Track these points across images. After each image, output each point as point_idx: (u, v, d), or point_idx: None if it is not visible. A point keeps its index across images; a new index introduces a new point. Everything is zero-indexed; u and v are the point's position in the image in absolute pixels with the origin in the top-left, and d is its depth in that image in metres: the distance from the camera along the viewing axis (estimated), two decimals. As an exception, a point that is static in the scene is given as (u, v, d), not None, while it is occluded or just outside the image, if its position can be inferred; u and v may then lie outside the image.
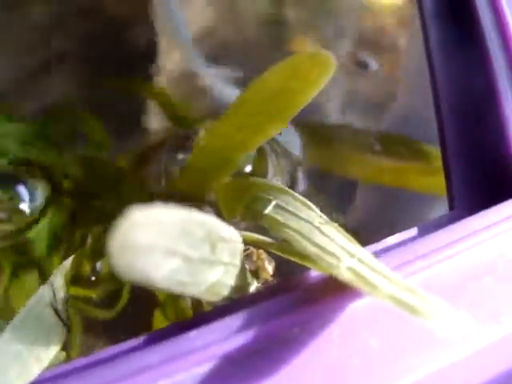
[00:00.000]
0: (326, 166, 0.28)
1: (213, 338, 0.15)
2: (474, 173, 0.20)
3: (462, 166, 0.20)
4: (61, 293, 0.18)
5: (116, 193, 0.27)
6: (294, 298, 0.15)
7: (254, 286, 0.19)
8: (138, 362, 0.15)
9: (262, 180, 0.20)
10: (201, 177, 0.22)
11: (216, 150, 0.21)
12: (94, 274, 0.24)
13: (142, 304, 0.23)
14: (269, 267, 0.20)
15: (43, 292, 0.18)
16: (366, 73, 0.31)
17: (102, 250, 0.23)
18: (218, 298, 0.16)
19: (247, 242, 0.18)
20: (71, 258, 0.20)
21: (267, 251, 0.20)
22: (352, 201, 0.27)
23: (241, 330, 0.15)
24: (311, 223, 0.17)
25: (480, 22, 0.21)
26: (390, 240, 0.17)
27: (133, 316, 0.23)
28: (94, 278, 0.24)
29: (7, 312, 0.24)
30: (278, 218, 0.18)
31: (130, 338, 0.16)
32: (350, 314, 0.15)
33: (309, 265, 0.16)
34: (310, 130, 0.28)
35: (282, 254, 0.18)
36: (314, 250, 0.16)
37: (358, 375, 0.14)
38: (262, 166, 0.26)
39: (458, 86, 0.22)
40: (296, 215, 0.17)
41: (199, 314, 0.19)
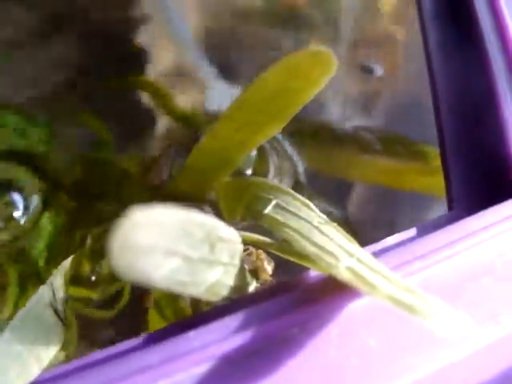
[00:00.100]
0: (324, 166, 0.28)
1: (212, 338, 0.15)
2: (473, 173, 0.20)
3: (461, 166, 0.20)
4: (60, 293, 0.18)
5: (117, 194, 0.27)
6: (292, 298, 0.15)
7: (253, 286, 0.19)
8: (137, 362, 0.15)
9: (261, 180, 0.20)
10: (200, 177, 0.22)
11: (215, 150, 0.21)
12: (94, 275, 0.24)
13: (138, 304, 0.23)
14: (268, 267, 0.20)
15: (43, 292, 0.18)
16: (371, 78, 0.30)
17: (101, 251, 0.23)
18: (217, 298, 0.16)
19: (247, 242, 0.18)
20: (71, 258, 0.20)
21: (266, 251, 0.20)
22: (351, 201, 0.27)
23: (240, 330, 0.15)
24: (310, 223, 0.17)
25: (479, 23, 0.21)
26: (389, 240, 0.17)
27: (129, 316, 0.23)
28: (94, 278, 0.24)
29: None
30: (278, 217, 0.18)
31: (127, 338, 0.16)
32: (348, 314, 0.15)
33: (308, 265, 0.17)
34: (308, 130, 0.28)
35: (281, 254, 0.18)
36: (313, 249, 0.16)
37: (356, 375, 0.15)
38: (263, 166, 0.26)
39: (457, 87, 0.22)
40: (296, 215, 0.17)
41: (198, 314, 0.19)
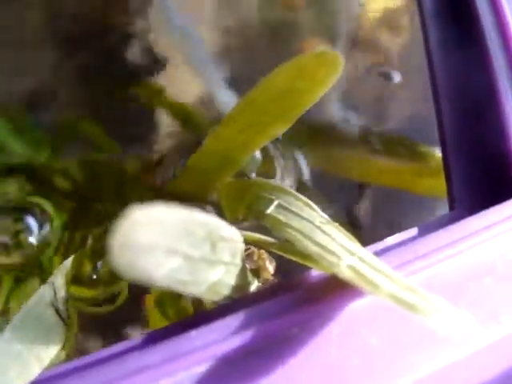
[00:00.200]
0: (327, 167, 0.28)
1: (213, 338, 0.15)
2: (475, 172, 0.20)
3: (463, 165, 0.20)
4: (62, 292, 0.18)
5: (118, 194, 0.27)
6: (294, 298, 0.15)
7: (255, 285, 0.19)
8: (138, 361, 0.15)
9: (263, 180, 0.20)
10: (203, 177, 0.22)
11: (218, 151, 0.21)
12: (94, 274, 0.24)
13: (139, 303, 0.23)
14: (270, 267, 0.20)
15: (44, 291, 0.18)
16: (390, 84, 0.30)
17: (102, 251, 0.23)
18: (218, 297, 0.16)
19: (248, 242, 0.18)
20: (72, 257, 0.20)
21: (268, 251, 0.20)
22: (354, 201, 0.27)
23: (241, 329, 0.15)
24: (312, 223, 0.17)
25: (480, 21, 0.21)
26: (391, 240, 0.17)
27: (130, 315, 0.23)
28: (94, 277, 0.24)
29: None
30: (280, 217, 0.18)
31: (126, 337, 0.16)
32: (350, 313, 0.15)
33: (310, 264, 0.17)
34: (310, 130, 0.28)
35: (283, 254, 0.18)
36: (315, 249, 0.16)
37: (358, 374, 0.14)
38: (269, 169, 0.26)
39: (457, 85, 0.22)
40: (298, 215, 0.17)
41: (199, 314, 0.19)
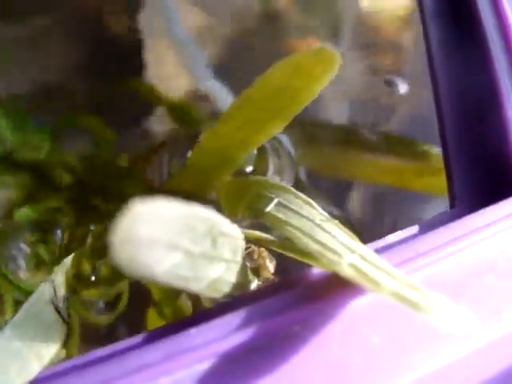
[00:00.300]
0: (326, 166, 0.28)
1: (213, 336, 0.15)
2: (475, 171, 0.19)
3: (463, 164, 0.20)
4: (61, 290, 0.18)
5: (117, 192, 0.26)
6: (295, 295, 0.15)
7: (255, 284, 0.19)
8: (138, 359, 0.15)
9: (263, 178, 0.20)
10: (202, 175, 0.22)
11: (217, 149, 0.21)
12: (95, 273, 0.24)
13: (138, 302, 0.23)
14: (270, 265, 0.20)
15: (44, 289, 0.18)
16: (396, 93, 0.30)
17: (102, 249, 0.23)
18: (218, 294, 0.16)
19: (248, 240, 0.18)
20: (72, 255, 0.20)
21: (268, 249, 0.20)
22: (353, 198, 0.27)
23: (242, 327, 0.15)
24: (312, 221, 0.17)
25: (481, 22, 0.21)
26: (391, 237, 0.17)
27: (128, 314, 0.23)
28: (94, 276, 0.24)
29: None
30: (280, 215, 0.18)
31: (126, 336, 0.16)
32: (351, 311, 0.15)
33: (310, 262, 0.16)
34: (310, 129, 0.28)
35: (283, 252, 0.18)
36: (316, 247, 0.16)
37: (359, 372, 0.14)
38: (263, 165, 0.26)
39: (459, 85, 0.22)
40: (297, 213, 0.17)
41: (199, 312, 0.19)
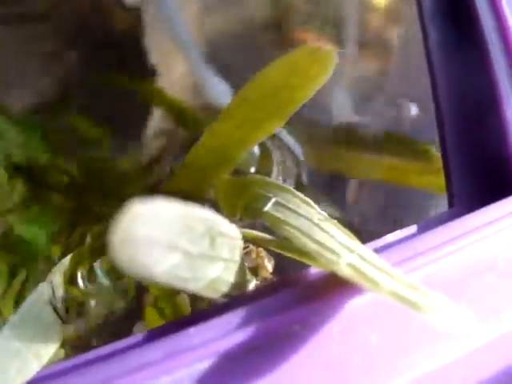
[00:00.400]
0: (327, 165, 0.28)
1: (212, 335, 0.15)
2: (474, 171, 0.20)
3: (462, 164, 0.20)
4: (60, 290, 0.18)
5: (116, 193, 0.26)
6: (294, 295, 0.15)
7: (253, 283, 0.19)
8: (137, 358, 0.15)
9: (261, 178, 0.20)
10: (200, 174, 0.22)
11: (215, 148, 0.21)
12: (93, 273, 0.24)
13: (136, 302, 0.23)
14: (268, 265, 0.20)
15: (42, 290, 0.18)
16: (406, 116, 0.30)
17: (100, 249, 0.23)
18: (217, 294, 0.16)
19: (247, 240, 0.18)
20: (70, 256, 0.20)
21: (267, 249, 0.20)
22: (353, 198, 0.27)
23: (241, 326, 0.15)
24: (311, 220, 0.17)
25: (480, 23, 0.21)
26: (390, 237, 0.17)
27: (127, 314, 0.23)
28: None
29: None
30: (278, 215, 0.18)
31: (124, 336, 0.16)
32: (350, 311, 0.15)
33: (309, 262, 0.16)
34: (311, 129, 0.28)
35: (281, 251, 0.18)
36: (314, 246, 0.16)
37: (358, 371, 0.14)
38: (267, 166, 0.26)
39: (458, 86, 0.22)
40: (296, 212, 0.17)
41: (198, 311, 0.19)
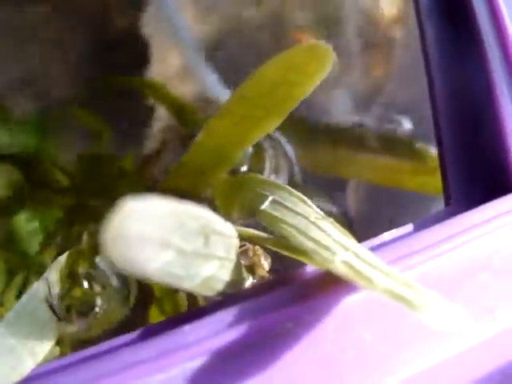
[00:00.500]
0: (322, 164, 0.28)
1: (206, 333, 0.15)
2: (470, 170, 0.19)
3: (458, 163, 0.20)
4: (56, 288, 0.18)
5: (114, 191, 0.26)
6: (288, 293, 0.15)
7: (250, 282, 0.19)
8: (132, 356, 0.15)
9: (258, 176, 0.20)
10: (197, 173, 0.22)
11: (212, 146, 0.21)
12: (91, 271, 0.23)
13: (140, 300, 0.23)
14: (265, 263, 0.20)
15: (38, 287, 0.18)
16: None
17: (97, 247, 0.23)
18: (212, 292, 0.16)
19: (243, 238, 0.18)
20: (66, 253, 0.20)
21: (263, 248, 0.20)
22: (349, 197, 0.27)
23: (234, 324, 0.15)
24: (307, 218, 0.17)
25: (477, 22, 0.21)
26: (386, 235, 0.17)
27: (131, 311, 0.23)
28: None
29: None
30: (275, 213, 0.18)
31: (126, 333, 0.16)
32: (344, 309, 0.15)
33: (305, 260, 0.16)
34: (306, 128, 0.28)
35: (278, 250, 0.18)
36: (310, 244, 0.16)
37: (352, 369, 0.14)
38: (259, 163, 0.26)
39: (454, 84, 0.22)
40: (292, 210, 0.17)
41: (194, 309, 0.19)
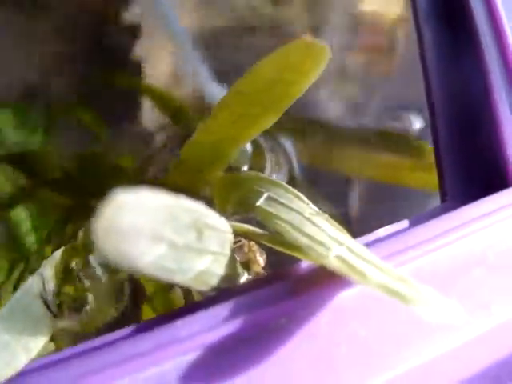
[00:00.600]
0: (320, 162, 0.28)
1: (199, 328, 0.15)
2: (466, 167, 0.20)
3: (454, 160, 0.20)
4: (51, 284, 0.18)
5: (111, 189, 0.26)
6: (283, 288, 0.15)
7: (245, 277, 0.19)
8: (126, 349, 0.15)
9: (253, 173, 0.20)
10: (194, 171, 0.22)
11: (208, 144, 0.21)
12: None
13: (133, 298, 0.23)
14: (260, 259, 0.20)
15: (32, 283, 0.18)
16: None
17: (92, 244, 0.23)
18: (206, 287, 0.16)
19: (238, 233, 0.18)
20: (61, 249, 0.20)
21: (259, 244, 0.20)
22: (347, 194, 0.27)
23: (228, 319, 0.15)
24: (302, 214, 0.17)
25: (475, 24, 0.21)
26: (381, 231, 0.17)
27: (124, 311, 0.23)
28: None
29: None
30: (270, 209, 0.17)
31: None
32: (339, 303, 0.15)
33: (299, 256, 0.16)
34: (305, 126, 0.28)
35: (273, 246, 0.18)
36: (305, 240, 0.16)
37: (346, 364, 0.14)
38: (260, 163, 0.26)
39: (451, 86, 0.22)
40: (287, 207, 0.17)
41: (188, 304, 0.19)
